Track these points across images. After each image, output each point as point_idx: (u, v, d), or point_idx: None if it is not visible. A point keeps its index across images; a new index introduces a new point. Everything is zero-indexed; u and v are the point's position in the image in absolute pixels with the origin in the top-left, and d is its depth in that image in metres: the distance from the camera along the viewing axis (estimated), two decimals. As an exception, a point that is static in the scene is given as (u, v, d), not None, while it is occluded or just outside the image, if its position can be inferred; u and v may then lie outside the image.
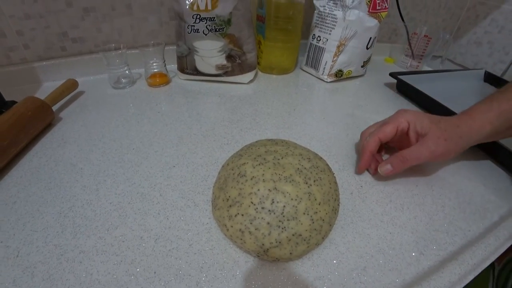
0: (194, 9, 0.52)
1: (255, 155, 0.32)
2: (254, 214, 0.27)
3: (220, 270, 0.27)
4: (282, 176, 0.29)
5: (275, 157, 0.31)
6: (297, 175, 0.29)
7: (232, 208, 0.28)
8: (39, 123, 0.43)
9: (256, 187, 0.28)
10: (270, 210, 0.27)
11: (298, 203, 0.27)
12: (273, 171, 0.29)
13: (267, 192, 0.28)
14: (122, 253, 0.28)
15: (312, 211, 0.28)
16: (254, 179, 0.29)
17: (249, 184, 0.28)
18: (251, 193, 0.28)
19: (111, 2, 0.59)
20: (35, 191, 0.35)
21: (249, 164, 0.30)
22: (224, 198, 0.30)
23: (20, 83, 0.58)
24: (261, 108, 0.53)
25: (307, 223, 0.27)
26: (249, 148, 0.34)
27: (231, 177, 0.31)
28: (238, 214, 0.28)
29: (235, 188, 0.29)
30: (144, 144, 0.43)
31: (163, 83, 0.60)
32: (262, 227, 0.26)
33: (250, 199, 0.28)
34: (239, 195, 0.28)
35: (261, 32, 0.64)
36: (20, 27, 0.56)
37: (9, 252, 0.28)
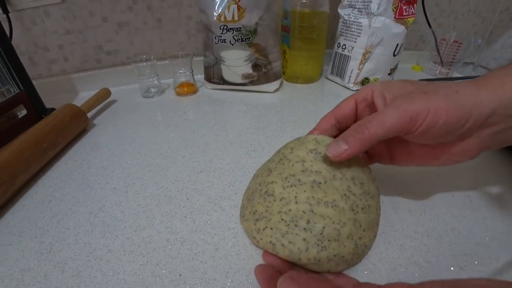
0: (222, 20, 0.53)
1: (287, 174, 0.28)
2: (286, 229, 0.25)
3: (246, 276, 0.26)
4: (322, 201, 0.25)
5: (315, 180, 0.27)
6: (343, 201, 0.26)
7: (259, 222, 0.27)
8: (75, 128, 0.45)
9: (286, 207, 0.26)
10: (306, 228, 0.24)
11: (341, 227, 0.25)
12: (309, 194, 0.26)
13: (300, 213, 0.25)
14: (149, 254, 0.28)
15: (357, 236, 0.25)
16: (284, 200, 0.26)
17: (277, 204, 0.26)
18: (281, 212, 0.26)
19: (143, 17, 0.63)
20: (69, 191, 0.36)
21: (278, 184, 0.27)
22: (251, 211, 0.28)
23: (59, 92, 0.62)
24: (287, 116, 0.52)
25: (351, 247, 0.25)
26: (280, 163, 0.29)
27: (258, 192, 0.29)
28: (267, 228, 0.26)
29: (261, 205, 0.27)
30: (172, 149, 0.43)
31: (190, 92, 0.61)
32: (297, 241, 0.24)
33: (280, 217, 0.26)
34: (266, 211, 0.27)
35: (286, 41, 0.64)
36: (61, 42, 0.61)
37: (42, 247, 0.29)
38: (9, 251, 0.29)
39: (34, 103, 0.48)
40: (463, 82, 0.24)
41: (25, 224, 0.32)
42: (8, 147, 0.36)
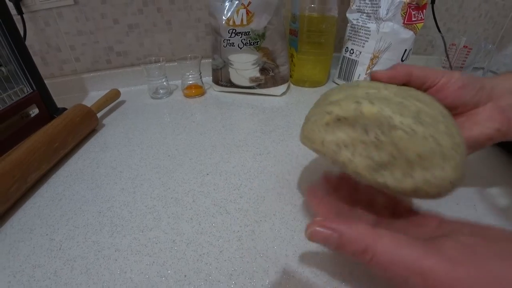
0: (230, 24, 0.54)
1: (363, 94, 0.25)
2: (376, 96, 0.23)
3: (249, 279, 0.27)
4: (412, 96, 0.23)
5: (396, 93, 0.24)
6: (429, 108, 0.23)
7: (335, 102, 0.24)
8: (85, 128, 0.46)
9: (375, 91, 0.24)
10: (399, 104, 0.22)
11: (436, 123, 0.21)
12: (397, 90, 0.24)
13: (392, 95, 0.23)
14: (155, 255, 0.29)
15: (455, 140, 0.21)
16: (372, 88, 0.24)
17: (363, 89, 0.24)
18: (368, 92, 0.24)
19: (153, 19, 0.64)
20: (78, 190, 0.37)
21: (362, 87, 0.25)
22: (321, 105, 0.26)
23: (70, 92, 0.64)
24: (293, 120, 0.53)
25: (448, 143, 0.20)
26: (368, 83, 0.27)
27: (335, 92, 0.26)
28: (349, 96, 0.23)
29: (340, 93, 0.25)
30: (179, 151, 0.44)
31: (198, 94, 0.62)
32: (390, 105, 0.21)
33: (366, 93, 0.23)
34: (345, 96, 0.24)
35: (293, 45, 0.65)
36: (73, 42, 0.62)
37: (53, 244, 0.30)
38: (20, 247, 0.30)
39: (46, 102, 0.50)
40: None
41: (36, 221, 0.33)
42: (21, 146, 0.37)
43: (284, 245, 0.29)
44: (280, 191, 0.36)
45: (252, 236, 0.30)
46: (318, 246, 0.29)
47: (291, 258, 0.28)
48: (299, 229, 0.31)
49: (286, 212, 0.33)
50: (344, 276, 0.27)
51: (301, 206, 0.34)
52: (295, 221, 0.32)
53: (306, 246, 0.29)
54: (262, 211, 0.33)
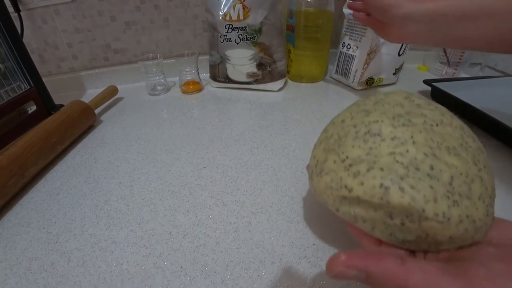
0: (227, 20, 0.54)
1: (392, 114, 0.23)
2: (405, 172, 0.19)
3: (246, 269, 0.27)
4: (443, 146, 0.21)
5: (426, 121, 0.22)
6: (463, 151, 0.21)
7: (357, 166, 0.21)
8: (83, 124, 0.47)
9: (402, 147, 0.20)
10: (431, 175, 0.19)
11: (471, 182, 0.20)
12: (426, 136, 0.21)
13: (422, 155, 0.20)
14: (151, 246, 0.29)
15: (488, 201, 0.20)
16: (397, 140, 0.21)
17: (387, 145, 0.21)
18: (393, 153, 0.20)
19: (150, 16, 0.64)
20: (75, 184, 0.37)
21: (386, 123, 0.22)
22: (337, 159, 0.22)
23: (67, 89, 0.64)
24: (290, 115, 0.53)
25: (482, 212, 0.19)
26: (378, 105, 0.25)
27: (351, 135, 0.23)
28: (373, 169, 0.20)
29: (360, 148, 0.21)
30: (177, 146, 0.44)
31: (196, 90, 0.62)
32: (422, 187, 0.18)
33: (393, 158, 0.20)
34: (368, 154, 0.21)
35: (290, 41, 0.65)
36: (71, 40, 0.62)
37: (50, 237, 0.30)
38: (17, 241, 0.30)
39: (43, 99, 0.50)
40: None
41: (33, 215, 0.33)
42: (19, 141, 0.37)
43: (280, 236, 0.29)
44: (277, 183, 0.36)
45: (248, 227, 0.30)
46: (314, 238, 0.29)
47: (287, 248, 0.28)
48: (296, 220, 0.31)
49: (283, 204, 0.33)
50: (340, 265, 0.27)
51: (298, 198, 0.34)
52: (292, 212, 0.32)
53: (303, 237, 0.29)
54: (259, 203, 0.33)
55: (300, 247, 0.28)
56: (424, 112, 0.23)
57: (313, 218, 0.31)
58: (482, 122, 0.45)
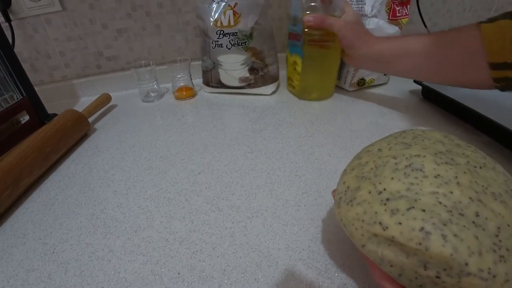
0: (218, 26, 0.55)
1: (434, 150, 0.22)
2: (448, 216, 0.17)
3: (243, 274, 0.27)
4: (488, 191, 0.19)
5: (469, 162, 0.21)
6: (509, 198, 0.19)
7: (394, 202, 0.19)
8: (76, 133, 0.47)
9: (445, 188, 0.19)
10: (476, 223, 0.17)
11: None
12: (471, 178, 0.19)
13: (467, 199, 0.18)
14: (148, 254, 0.29)
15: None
16: (441, 178, 0.19)
17: (430, 182, 0.19)
18: (436, 193, 0.18)
19: (142, 23, 0.64)
20: (71, 194, 0.37)
21: (429, 159, 0.20)
22: (373, 190, 0.21)
23: (60, 98, 0.64)
24: (283, 118, 0.53)
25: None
26: (417, 139, 0.24)
27: (390, 166, 0.21)
28: (414, 209, 0.18)
29: (399, 181, 0.20)
30: (171, 152, 0.45)
31: (189, 96, 0.63)
32: (466, 237, 0.17)
33: (435, 198, 0.18)
34: (407, 190, 0.19)
35: (296, 51, 0.56)
36: (62, 49, 0.62)
37: (46, 248, 0.30)
38: (13, 252, 0.30)
39: (36, 109, 0.50)
40: (378, 39, 0.50)
41: (29, 226, 0.33)
42: (13, 152, 0.37)
43: (276, 239, 0.30)
44: (271, 187, 0.37)
45: (244, 231, 0.31)
46: (309, 240, 0.30)
47: (283, 251, 0.29)
48: (291, 223, 0.32)
49: (278, 207, 0.34)
50: (337, 267, 0.27)
51: (292, 201, 0.34)
52: (287, 215, 0.32)
53: (298, 239, 0.30)
54: (254, 207, 0.34)
55: (296, 249, 0.29)
56: (465, 153, 0.22)
57: (308, 221, 0.32)
58: (473, 119, 0.46)
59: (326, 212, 0.33)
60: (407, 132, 0.25)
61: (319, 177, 0.38)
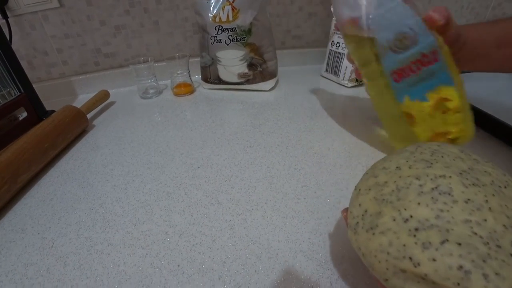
0: (217, 21, 0.54)
1: (458, 169, 0.20)
2: (486, 251, 0.16)
3: (243, 265, 0.27)
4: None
5: (493, 182, 0.19)
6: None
7: (424, 233, 0.17)
8: (75, 129, 0.46)
9: (478, 215, 0.17)
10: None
11: None
12: (500, 201, 0.18)
13: (501, 227, 0.17)
14: (148, 247, 0.29)
15: None
16: (472, 203, 0.18)
17: (461, 209, 0.17)
18: (469, 221, 0.17)
19: (140, 20, 0.64)
20: (70, 189, 0.37)
21: (455, 180, 0.19)
22: (398, 217, 0.19)
23: (58, 95, 0.63)
24: (282, 113, 0.53)
25: None
26: (436, 155, 0.22)
27: (414, 188, 0.19)
28: (448, 242, 0.16)
29: (427, 207, 0.18)
30: (170, 147, 0.44)
31: (188, 92, 0.62)
32: (507, 274, 0.15)
33: (469, 228, 0.17)
34: (437, 218, 0.17)
35: (431, 86, 0.32)
36: (60, 46, 0.62)
37: (45, 243, 0.30)
38: (12, 247, 0.30)
39: (34, 105, 0.49)
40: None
41: (28, 221, 0.33)
42: (11, 147, 0.37)
43: (276, 231, 0.30)
44: (271, 180, 0.37)
45: (244, 224, 0.31)
46: (309, 232, 0.30)
47: (283, 243, 0.29)
48: (291, 215, 0.31)
49: (277, 200, 0.33)
50: (337, 258, 0.27)
51: (292, 194, 0.34)
52: (286, 208, 0.32)
53: (298, 232, 0.30)
54: (254, 200, 0.34)
55: (296, 241, 0.29)
56: (487, 170, 0.20)
57: (308, 213, 0.32)
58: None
59: (326, 205, 0.33)
60: (422, 146, 0.23)
61: (318, 171, 0.38)
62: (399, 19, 0.31)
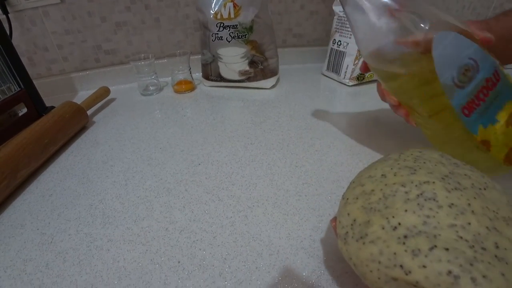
0: (218, 18, 0.54)
1: (439, 174, 0.20)
2: (472, 254, 0.16)
3: (243, 262, 0.27)
4: (499, 216, 0.18)
5: (474, 184, 0.20)
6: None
7: (412, 240, 0.17)
8: (75, 125, 0.46)
9: (463, 218, 0.18)
10: (498, 256, 0.16)
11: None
12: (481, 203, 0.18)
13: (484, 230, 0.17)
14: (148, 243, 0.29)
15: None
16: (455, 208, 0.18)
17: (446, 213, 0.18)
18: (454, 226, 0.17)
19: (141, 16, 0.64)
20: (69, 185, 0.37)
21: (439, 186, 0.19)
22: (386, 226, 0.19)
23: (58, 92, 0.63)
24: (283, 111, 0.53)
25: None
26: (418, 161, 0.22)
27: (400, 195, 0.20)
28: (436, 248, 0.17)
29: (414, 214, 0.18)
30: (171, 144, 0.44)
31: (188, 89, 0.62)
32: (494, 276, 0.16)
33: (455, 232, 0.17)
34: (424, 224, 0.18)
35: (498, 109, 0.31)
36: (61, 42, 0.62)
37: (44, 238, 0.30)
38: (11, 243, 0.30)
39: (34, 101, 0.49)
40: None
41: (27, 217, 0.33)
42: (10, 142, 0.37)
43: (277, 228, 0.30)
44: (272, 177, 0.36)
45: (245, 221, 0.31)
46: (310, 229, 0.29)
47: (284, 240, 0.28)
48: (292, 212, 0.31)
49: (278, 197, 0.33)
50: (338, 255, 0.27)
51: (293, 191, 0.34)
52: (287, 205, 0.32)
53: (300, 229, 0.29)
54: (255, 197, 0.34)
55: (297, 238, 0.29)
56: (467, 173, 0.21)
57: (309, 210, 0.32)
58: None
59: (327, 202, 0.32)
60: (405, 153, 0.24)
61: (319, 168, 0.38)
62: (458, 53, 0.29)
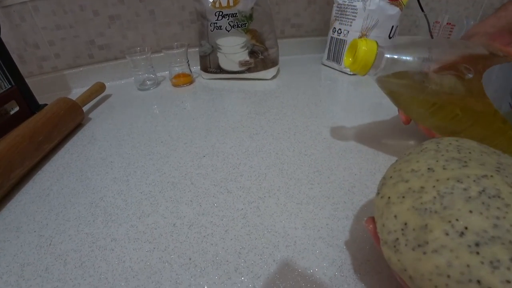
0: (217, 7, 0.52)
1: (491, 166, 0.18)
2: None
3: (259, 255, 0.25)
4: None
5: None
6: None
7: (487, 249, 0.15)
8: (70, 121, 0.44)
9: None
10: None
11: None
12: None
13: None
14: (155, 240, 0.27)
15: None
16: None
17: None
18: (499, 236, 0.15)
19: (135, 9, 0.61)
20: (67, 183, 0.35)
21: (499, 180, 0.16)
22: (450, 231, 0.16)
23: (51, 90, 0.61)
24: (286, 101, 0.51)
25: None
26: (462, 151, 0.19)
27: (459, 193, 0.16)
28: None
29: (482, 216, 0.15)
30: (172, 137, 0.42)
31: (187, 82, 0.60)
32: None
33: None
34: (495, 227, 0.15)
35: None
36: (52, 38, 0.59)
37: (42, 241, 0.28)
38: (6, 247, 0.28)
39: (26, 99, 0.47)
40: None
41: (23, 219, 0.31)
42: (2, 142, 0.35)
43: (292, 218, 0.28)
44: (281, 166, 0.35)
45: (257, 212, 0.29)
46: (326, 218, 0.28)
47: (300, 231, 0.27)
48: (306, 201, 0.30)
49: (290, 186, 0.32)
50: (358, 243, 0.25)
51: (304, 180, 0.32)
52: (300, 194, 0.31)
53: (315, 218, 0.28)
54: (265, 187, 0.32)
55: (314, 228, 0.27)
56: (508, 162, 0.18)
57: (323, 198, 0.30)
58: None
59: (341, 190, 0.31)
60: (442, 143, 0.20)
61: (329, 156, 0.36)
62: (506, 81, 0.29)
